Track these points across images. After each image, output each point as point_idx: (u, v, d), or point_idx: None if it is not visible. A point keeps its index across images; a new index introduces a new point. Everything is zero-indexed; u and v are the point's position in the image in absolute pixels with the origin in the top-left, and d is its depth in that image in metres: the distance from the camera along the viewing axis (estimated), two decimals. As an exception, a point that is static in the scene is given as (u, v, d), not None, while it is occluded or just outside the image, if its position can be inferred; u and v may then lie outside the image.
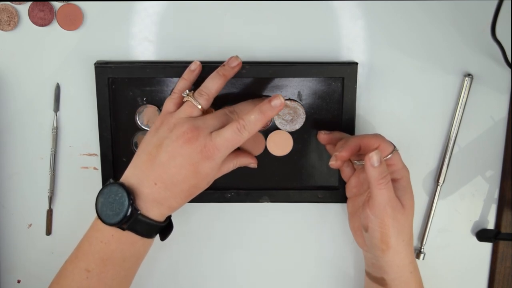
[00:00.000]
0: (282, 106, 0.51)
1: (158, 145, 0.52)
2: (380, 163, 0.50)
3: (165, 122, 0.53)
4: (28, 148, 0.61)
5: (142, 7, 0.58)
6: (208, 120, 0.52)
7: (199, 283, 0.65)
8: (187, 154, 0.51)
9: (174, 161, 0.51)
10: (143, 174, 0.52)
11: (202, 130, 0.51)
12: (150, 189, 0.51)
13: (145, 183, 0.51)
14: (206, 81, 0.54)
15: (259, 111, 0.51)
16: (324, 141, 0.59)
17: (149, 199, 0.51)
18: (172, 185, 0.51)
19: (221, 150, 0.51)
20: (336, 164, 0.54)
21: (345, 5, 0.59)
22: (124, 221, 0.50)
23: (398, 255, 0.54)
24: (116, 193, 0.51)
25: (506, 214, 0.63)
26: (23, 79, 0.60)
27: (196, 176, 0.51)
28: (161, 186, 0.51)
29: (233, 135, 0.51)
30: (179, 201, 0.53)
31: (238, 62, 0.54)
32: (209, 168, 0.52)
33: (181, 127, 0.51)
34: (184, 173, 0.51)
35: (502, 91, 0.61)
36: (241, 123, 0.51)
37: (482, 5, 0.58)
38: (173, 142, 0.51)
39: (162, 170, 0.51)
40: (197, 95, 0.53)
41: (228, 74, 0.54)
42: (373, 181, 0.51)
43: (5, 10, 0.58)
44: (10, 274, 0.64)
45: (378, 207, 0.52)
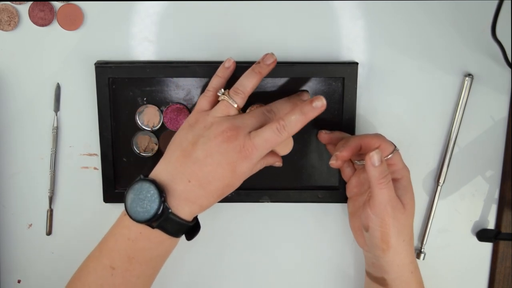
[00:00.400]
0: (323, 107, 0.50)
1: (194, 142, 0.51)
2: (381, 163, 0.50)
3: (200, 120, 0.52)
4: (28, 148, 0.61)
5: (142, 7, 0.59)
6: (246, 119, 0.51)
7: (199, 282, 0.65)
8: (225, 153, 0.50)
9: (212, 159, 0.50)
10: (177, 171, 0.51)
11: (241, 129, 0.50)
12: (183, 187, 0.50)
13: (178, 180, 0.50)
14: (241, 79, 0.53)
15: (301, 112, 0.50)
16: (325, 140, 0.59)
17: (181, 197, 0.50)
18: (207, 183, 0.50)
19: (260, 150, 0.50)
20: (336, 163, 0.54)
21: (345, 5, 0.59)
22: (154, 219, 0.49)
23: (399, 254, 0.54)
24: (147, 190, 0.49)
25: (506, 214, 0.63)
26: (23, 79, 0.60)
27: (232, 175, 0.51)
28: (195, 183, 0.50)
29: (272, 135, 0.50)
30: (211, 200, 0.52)
31: (274, 59, 0.53)
32: (246, 168, 0.51)
33: (220, 126, 0.50)
34: (220, 171, 0.50)
35: (502, 91, 0.61)
36: (281, 124, 0.50)
37: (482, 5, 0.58)
38: (211, 140, 0.50)
39: (198, 167, 0.50)
40: (232, 93, 0.52)
41: (263, 71, 0.53)
42: (373, 181, 0.51)
43: (5, 10, 0.58)
44: (10, 274, 0.64)
45: (378, 207, 0.52)
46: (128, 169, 0.61)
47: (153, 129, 0.60)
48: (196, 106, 0.54)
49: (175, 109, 0.60)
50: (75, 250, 0.63)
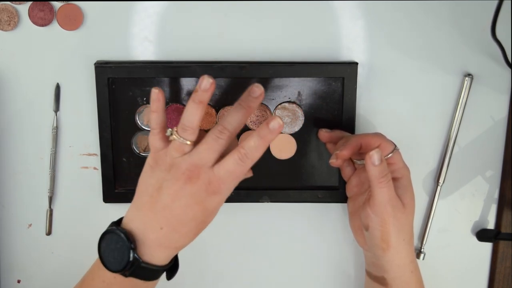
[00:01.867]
0: (281, 128, 0.47)
1: (158, 187, 0.49)
2: (381, 162, 0.50)
3: (160, 162, 0.50)
4: (28, 148, 0.61)
5: (142, 7, 0.58)
6: (203, 153, 0.48)
7: (199, 282, 0.65)
8: (191, 194, 0.48)
9: (179, 202, 0.48)
10: (147, 218, 0.49)
11: (201, 167, 0.48)
12: (156, 234, 0.49)
13: (150, 228, 0.49)
14: (185, 113, 0.48)
15: (258, 136, 0.47)
16: (325, 139, 0.59)
17: (154, 245, 0.49)
18: (181, 226, 0.49)
19: (227, 183, 0.48)
20: (336, 162, 0.54)
21: (345, 5, 0.59)
22: (126, 269, 0.48)
23: (399, 254, 0.54)
24: (117, 241, 0.48)
25: (506, 214, 0.63)
26: (23, 79, 0.60)
27: (204, 213, 0.49)
28: (168, 229, 0.49)
29: (236, 166, 0.48)
30: (187, 240, 0.51)
31: (211, 83, 0.47)
32: (217, 202, 0.49)
33: (179, 168, 0.48)
34: (191, 212, 0.48)
35: (502, 91, 0.61)
36: (242, 152, 0.48)
37: (482, 5, 0.58)
38: (174, 183, 0.48)
39: (168, 213, 0.48)
40: (181, 131, 0.48)
41: (204, 99, 0.47)
42: (373, 180, 0.51)
43: (5, 10, 0.58)
44: (10, 274, 0.64)
45: (378, 206, 0.52)
46: (128, 169, 0.61)
47: (153, 129, 0.60)
48: (150, 147, 0.51)
49: (175, 109, 0.60)
50: (75, 250, 0.63)
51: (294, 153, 0.61)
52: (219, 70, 0.58)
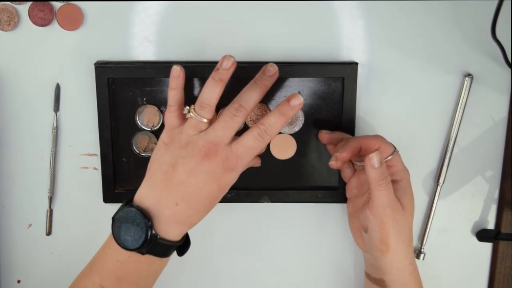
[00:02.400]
0: (301, 105, 0.49)
1: (173, 163, 0.49)
2: (381, 164, 0.50)
3: (175, 139, 0.50)
4: (28, 148, 0.61)
5: (142, 7, 0.58)
6: (219, 130, 0.49)
7: (198, 282, 0.65)
8: (208, 170, 0.49)
9: (196, 179, 0.49)
10: (162, 195, 0.50)
11: (219, 143, 0.49)
12: (171, 210, 0.49)
13: (165, 205, 0.49)
14: (204, 91, 0.50)
15: (279, 113, 0.49)
16: (325, 140, 0.59)
17: (169, 221, 0.50)
18: (196, 203, 0.50)
19: (244, 159, 0.49)
20: (336, 164, 0.54)
21: (345, 5, 0.59)
22: (143, 246, 0.49)
23: (398, 256, 0.54)
24: (133, 219, 0.49)
25: (506, 214, 0.63)
26: (23, 79, 0.60)
27: (219, 189, 0.50)
28: (183, 205, 0.49)
29: (255, 141, 0.49)
30: (201, 216, 0.52)
31: (232, 62, 0.49)
32: (232, 179, 0.50)
33: (196, 145, 0.49)
34: (207, 189, 0.49)
35: (502, 91, 0.61)
36: (262, 128, 0.49)
37: (482, 5, 0.58)
38: (190, 160, 0.49)
39: (183, 189, 0.49)
40: (198, 109, 0.50)
41: (224, 77, 0.49)
42: (373, 182, 0.51)
43: (5, 10, 0.58)
44: (10, 274, 0.64)
45: (378, 208, 0.52)
46: (128, 169, 0.61)
47: (153, 129, 0.60)
48: (166, 124, 0.52)
49: (175, 109, 0.60)
50: (75, 250, 0.63)
51: (294, 153, 0.61)
52: (219, 70, 0.57)
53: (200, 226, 0.63)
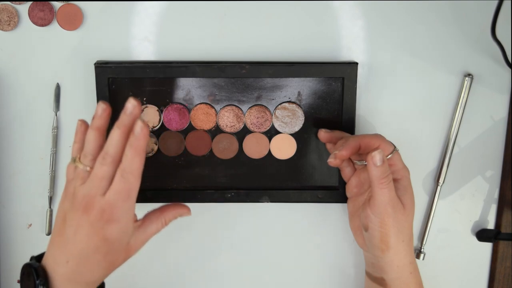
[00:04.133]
0: (147, 130, 0.47)
1: (63, 219, 0.49)
2: (383, 163, 0.50)
3: (66, 192, 0.50)
4: (28, 148, 0.61)
5: (142, 7, 0.58)
6: (93, 181, 0.48)
7: (198, 283, 0.65)
8: (89, 224, 0.47)
9: (80, 234, 0.48)
10: (56, 252, 0.49)
11: (94, 195, 0.47)
12: (63, 268, 0.48)
13: (58, 262, 0.48)
14: (86, 141, 0.49)
15: (130, 147, 0.47)
16: (325, 139, 0.59)
17: (63, 279, 0.48)
18: (85, 260, 0.48)
19: (119, 207, 0.47)
20: (334, 162, 0.54)
21: (345, 5, 0.59)
22: None
23: (398, 255, 0.54)
24: (28, 276, 0.48)
25: (506, 214, 0.63)
26: (23, 79, 0.60)
27: (106, 243, 0.48)
28: (74, 263, 0.48)
29: (121, 185, 0.47)
30: (99, 274, 0.50)
31: (103, 108, 0.48)
32: (118, 231, 0.48)
33: (76, 197, 0.48)
34: (92, 244, 0.48)
35: (502, 91, 0.61)
36: (121, 168, 0.47)
37: (482, 5, 0.58)
38: (75, 214, 0.48)
39: (72, 246, 0.48)
40: (82, 158, 0.49)
41: (100, 125, 0.49)
42: (375, 180, 0.51)
43: (5, 10, 0.58)
44: (10, 274, 0.64)
45: (378, 207, 0.52)
46: (128, 169, 0.61)
47: (153, 129, 0.60)
48: (66, 175, 0.51)
49: (175, 109, 0.60)
50: (75, 250, 0.63)
51: (294, 153, 0.61)
52: (219, 70, 0.58)
53: (200, 226, 0.63)
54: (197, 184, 0.61)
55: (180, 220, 0.62)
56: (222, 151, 0.60)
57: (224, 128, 0.60)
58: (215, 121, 0.60)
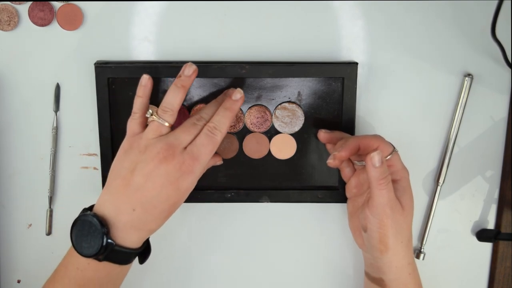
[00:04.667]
0: (243, 98, 0.53)
1: (132, 169, 0.50)
2: (381, 163, 0.50)
3: (134, 145, 0.51)
4: (28, 148, 0.61)
5: (142, 7, 0.58)
6: (179, 134, 0.51)
7: (198, 282, 0.65)
8: (165, 174, 0.49)
9: (153, 183, 0.49)
10: (119, 201, 0.50)
11: (177, 146, 0.50)
12: (128, 216, 0.49)
13: (122, 210, 0.50)
14: (167, 96, 0.52)
15: (224, 109, 0.52)
16: (324, 139, 0.59)
17: (127, 227, 0.50)
18: (153, 208, 0.50)
19: (200, 160, 0.50)
20: (334, 163, 0.54)
21: (345, 5, 0.59)
22: (99, 254, 0.49)
23: (397, 256, 0.54)
24: (90, 226, 0.49)
25: (506, 214, 0.63)
26: (23, 79, 0.60)
27: (177, 193, 0.50)
28: (141, 211, 0.49)
29: (207, 139, 0.50)
30: (160, 222, 0.51)
31: (194, 69, 0.51)
32: (190, 182, 0.51)
33: (154, 148, 0.50)
34: (165, 192, 0.49)
35: (502, 91, 0.61)
36: (211, 125, 0.51)
37: (482, 5, 0.58)
38: (148, 164, 0.49)
39: (141, 194, 0.49)
40: (161, 112, 0.51)
41: (186, 84, 0.51)
42: (373, 181, 0.51)
43: (5, 10, 0.58)
44: (10, 274, 0.64)
45: (377, 208, 0.52)
46: (128, 169, 0.61)
47: (153, 129, 0.60)
48: (127, 131, 0.53)
49: (175, 109, 0.60)
50: (75, 250, 0.63)
51: (294, 153, 0.61)
52: (219, 70, 0.58)
53: (200, 226, 0.63)
54: (197, 184, 0.61)
55: (179, 220, 0.63)
56: (223, 151, 0.60)
57: (224, 128, 0.60)
58: (215, 121, 0.60)
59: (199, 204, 0.62)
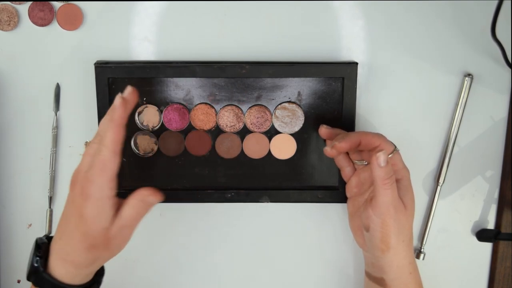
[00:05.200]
0: (126, 103, 0.48)
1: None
2: (387, 163, 0.50)
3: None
4: (28, 148, 0.61)
5: (142, 7, 0.58)
6: (82, 159, 0.50)
7: (198, 282, 0.65)
8: (71, 200, 0.49)
9: (66, 210, 0.50)
10: (57, 230, 0.51)
11: (79, 172, 0.49)
12: (56, 245, 0.50)
13: (55, 239, 0.50)
14: (99, 126, 0.51)
15: (108, 120, 0.48)
16: (325, 135, 0.58)
17: (55, 256, 0.50)
18: (69, 237, 0.49)
19: (94, 182, 0.47)
20: (331, 152, 0.54)
21: (345, 5, 0.59)
22: (29, 276, 0.49)
23: (398, 255, 0.54)
24: (33, 246, 0.51)
25: (506, 214, 0.63)
26: (23, 79, 0.60)
27: (81, 220, 0.48)
28: (63, 239, 0.49)
29: (95, 157, 0.47)
30: (81, 255, 0.49)
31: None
32: (92, 208, 0.48)
33: (72, 176, 0.50)
34: (73, 221, 0.48)
35: (502, 91, 0.61)
36: (97, 138, 0.48)
37: (482, 5, 0.58)
38: (69, 192, 0.50)
39: (62, 222, 0.50)
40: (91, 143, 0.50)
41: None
42: (378, 181, 0.51)
43: (5, 10, 0.58)
44: (10, 274, 0.64)
45: (380, 207, 0.52)
46: (128, 169, 0.61)
47: (153, 129, 0.60)
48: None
49: (174, 109, 0.60)
50: (75, 250, 0.63)
51: (294, 153, 0.61)
52: (219, 70, 0.58)
53: (200, 226, 0.63)
54: (197, 184, 0.61)
55: (180, 220, 0.63)
56: (227, 151, 0.60)
57: (224, 128, 0.60)
58: (215, 121, 0.60)
59: (199, 204, 0.62)
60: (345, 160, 0.58)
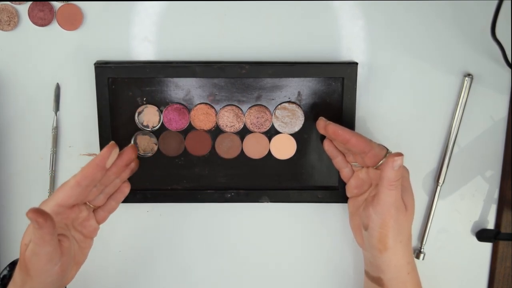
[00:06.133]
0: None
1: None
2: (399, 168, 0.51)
3: None
4: (28, 148, 0.61)
5: (142, 7, 0.58)
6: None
7: (198, 282, 0.65)
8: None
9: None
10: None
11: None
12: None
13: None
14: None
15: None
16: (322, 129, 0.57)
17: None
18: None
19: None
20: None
21: (345, 5, 0.59)
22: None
23: (395, 255, 0.54)
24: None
25: (506, 214, 0.63)
26: (23, 79, 0.60)
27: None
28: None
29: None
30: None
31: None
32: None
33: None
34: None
35: (502, 91, 0.61)
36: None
37: (482, 5, 0.58)
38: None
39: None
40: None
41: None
42: (386, 182, 0.51)
43: (5, 10, 0.58)
44: (10, 274, 0.64)
45: (382, 207, 0.52)
46: (128, 169, 0.61)
47: (153, 129, 0.60)
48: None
49: (174, 109, 0.60)
50: (75, 250, 0.63)
51: (294, 153, 0.61)
52: (219, 70, 0.58)
53: (200, 226, 0.63)
54: (197, 184, 0.61)
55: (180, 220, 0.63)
56: (227, 151, 0.60)
57: (224, 128, 0.60)
58: (215, 121, 0.60)
59: (199, 204, 0.62)
60: (342, 161, 0.58)
